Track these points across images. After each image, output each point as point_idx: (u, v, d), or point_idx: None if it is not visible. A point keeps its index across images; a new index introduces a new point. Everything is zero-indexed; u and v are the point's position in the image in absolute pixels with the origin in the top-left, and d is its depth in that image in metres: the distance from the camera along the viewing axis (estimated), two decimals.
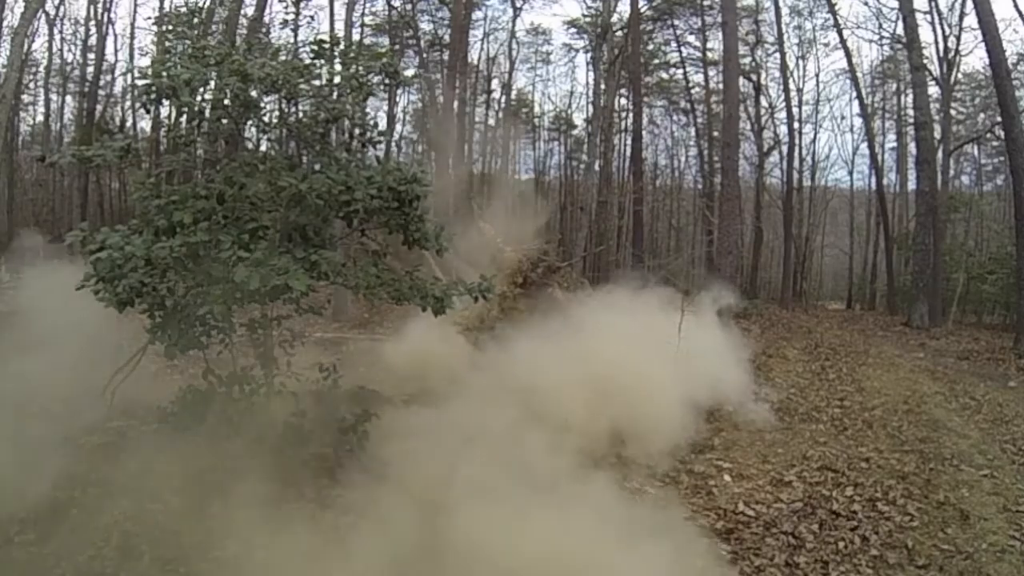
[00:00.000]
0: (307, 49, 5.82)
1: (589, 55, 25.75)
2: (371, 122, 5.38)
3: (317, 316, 6.71)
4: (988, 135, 21.82)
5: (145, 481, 4.90)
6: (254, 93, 4.87)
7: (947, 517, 5.32)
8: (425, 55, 24.85)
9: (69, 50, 22.88)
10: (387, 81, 5.67)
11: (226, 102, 4.99)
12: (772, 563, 4.62)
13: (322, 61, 5.18)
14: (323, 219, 5.12)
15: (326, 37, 5.44)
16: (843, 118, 29.08)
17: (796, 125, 23.34)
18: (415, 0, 23.76)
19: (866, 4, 25.10)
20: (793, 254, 23.31)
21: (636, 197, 23.43)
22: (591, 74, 25.13)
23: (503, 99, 28.62)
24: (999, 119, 15.15)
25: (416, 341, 8.38)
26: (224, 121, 5.19)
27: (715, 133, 23.99)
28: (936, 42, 19.69)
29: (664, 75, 27.24)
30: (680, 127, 29.38)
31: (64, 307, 5.51)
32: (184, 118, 5.30)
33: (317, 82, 5.17)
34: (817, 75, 25.99)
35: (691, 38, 25.61)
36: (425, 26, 24.91)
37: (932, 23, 19.47)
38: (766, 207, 25.35)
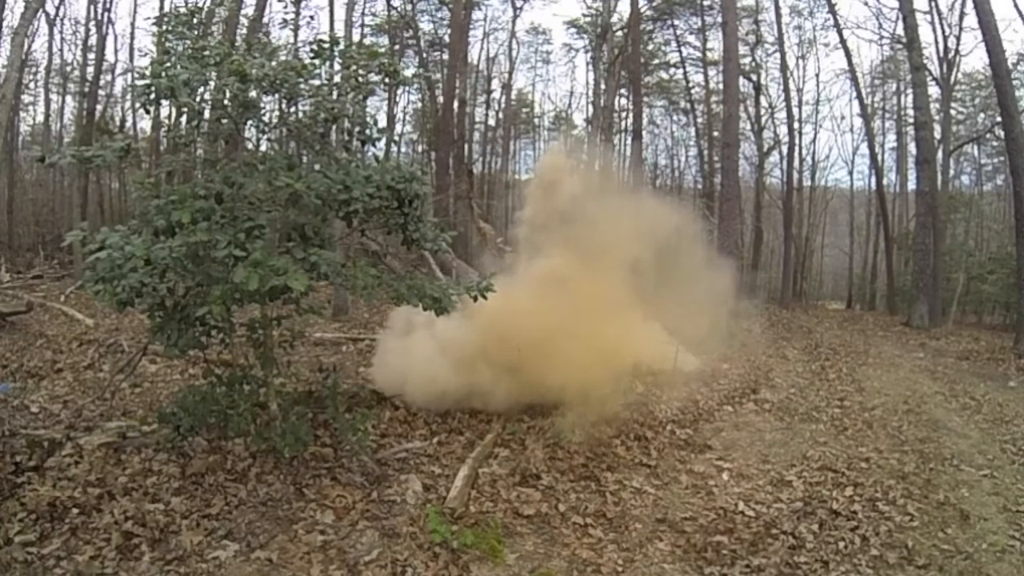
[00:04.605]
0: (307, 49, 5.82)
1: (589, 55, 25.80)
2: (371, 120, 5.37)
3: (317, 316, 6.73)
4: (988, 135, 21.84)
5: (145, 481, 4.91)
6: (253, 93, 4.87)
7: (947, 517, 5.32)
8: (425, 55, 24.87)
9: (69, 50, 22.93)
10: (387, 81, 5.68)
11: (225, 102, 4.99)
12: (772, 563, 4.62)
13: (321, 61, 5.18)
14: (322, 219, 5.12)
15: (326, 37, 5.43)
16: (843, 118, 29.13)
17: (796, 125, 23.38)
18: (415, 0, 23.78)
19: (866, 4, 25.17)
20: (793, 254, 23.32)
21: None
22: (591, 74, 25.20)
23: (503, 99, 28.65)
24: (999, 119, 15.15)
25: None
26: (224, 121, 5.19)
27: (715, 133, 24.00)
28: (936, 42, 19.73)
29: (664, 75, 27.26)
30: (680, 127, 29.43)
31: None
32: (184, 118, 5.30)
33: (317, 82, 5.17)
34: (817, 75, 26.08)
35: (691, 38, 25.64)
36: (425, 26, 24.95)
37: (932, 23, 19.51)
38: (766, 207, 25.36)
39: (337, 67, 5.37)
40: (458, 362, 6.96)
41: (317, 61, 5.14)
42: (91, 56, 19.89)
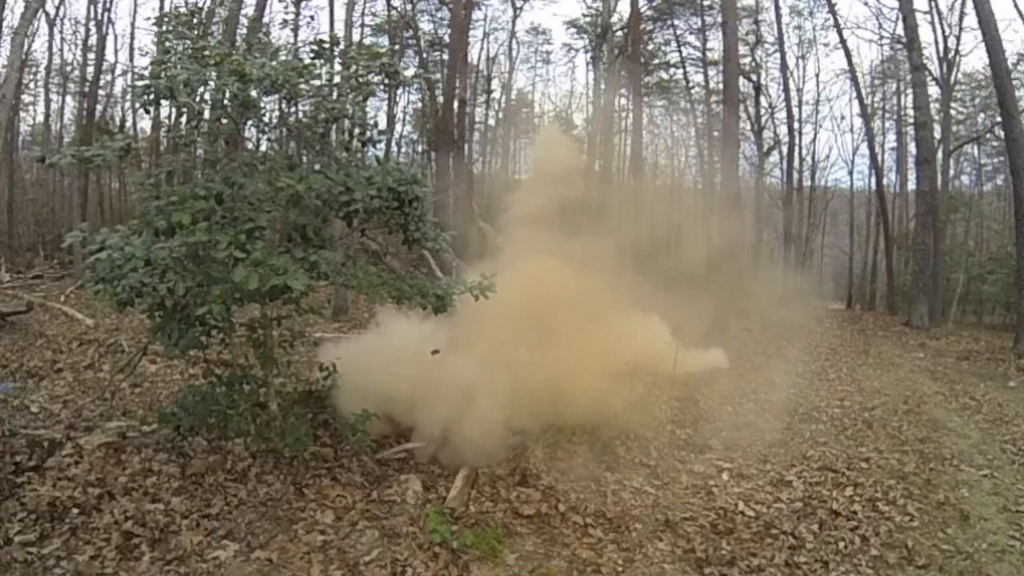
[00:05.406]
0: (307, 49, 5.82)
1: (589, 55, 25.78)
2: (371, 121, 5.38)
3: (317, 316, 6.71)
4: (988, 135, 21.81)
5: (145, 481, 4.90)
6: (254, 93, 4.88)
7: (947, 517, 5.33)
8: (425, 55, 24.85)
9: (69, 50, 22.91)
10: (387, 81, 5.68)
11: (225, 102, 5.00)
12: (772, 563, 4.63)
13: (322, 61, 5.19)
14: (323, 219, 5.13)
15: (326, 37, 5.44)
16: (843, 118, 29.08)
17: (796, 125, 23.38)
18: (415, 0, 23.76)
19: (866, 4, 25.15)
20: (793, 254, 23.32)
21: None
22: (591, 74, 25.20)
23: (503, 99, 28.65)
24: (999, 119, 15.14)
25: None
26: (224, 121, 5.19)
27: (715, 133, 23.97)
28: (936, 42, 19.70)
29: (664, 75, 27.22)
30: (680, 127, 29.39)
31: None
32: (184, 118, 5.30)
33: (317, 82, 5.17)
34: (817, 75, 26.01)
35: (691, 38, 25.59)
36: (425, 26, 24.91)
37: (932, 23, 19.48)
38: (766, 207, 25.34)
39: (337, 67, 5.37)
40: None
41: (318, 61, 5.14)
42: (91, 56, 19.89)
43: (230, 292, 4.41)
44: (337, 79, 5.30)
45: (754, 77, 23.77)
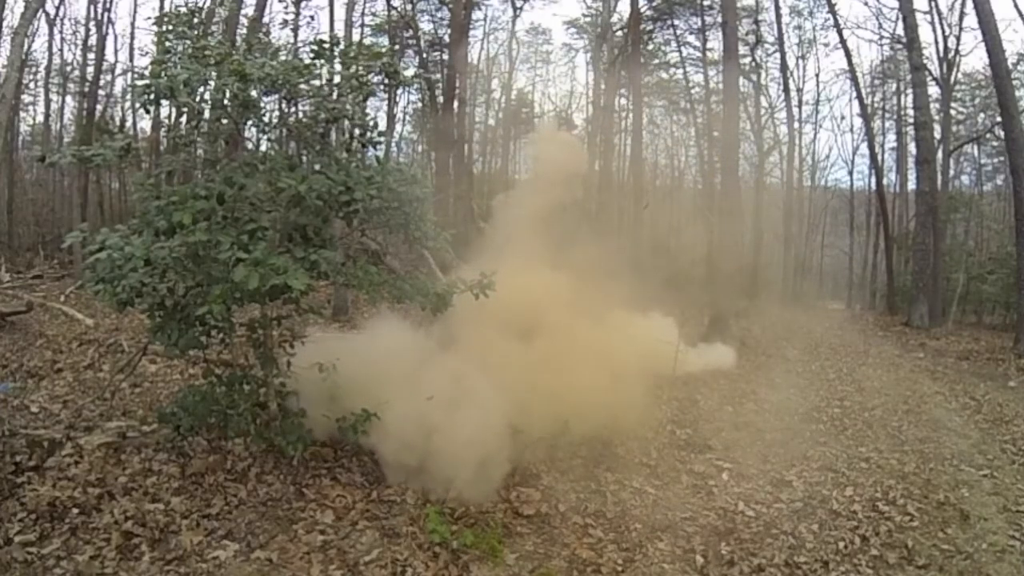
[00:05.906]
0: (307, 49, 5.82)
1: (589, 55, 25.82)
2: (371, 122, 5.38)
3: (317, 316, 6.71)
4: (988, 135, 21.81)
5: (145, 481, 4.90)
6: (254, 93, 4.88)
7: (947, 517, 5.33)
8: (425, 55, 24.84)
9: (69, 50, 22.90)
10: (387, 81, 5.68)
11: (225, 102, 5.00)
12: (772, 563, 4.62)
13: (322, 61, 5.19)
14: (323, 219, 5.13)
15: (326, 37, 5.44)
16: (843, 118, 29.12)
17: (796, 125, 23.40)
18: (415, 0, 23.76)
19: (866, 4, 25.19)
20: (793, 254, 23.34)
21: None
22: (591, 74, 25.23)
23: (503, 99, 28.65)
24: (999, 119, 15.14)
25: None
26: (224, 121, 5.20)
27: (715, 133, 23.96)
28: (936, 42, 19.72)
29: (664, 75, 27.21)
30: (680, 127, 29.38)
31: None
32: (184, 118, 5.30)
33: (317, 82, 5.17)
34: (817, 75, 26.05)
35: (691, 38, 25.58)
36: (425, 26, 24.89)
37: (932, 23, 19.50)
38: (766, 207, 25.32)
39: (337, 67, 5.37)
40: None
41: (318, 61, 5.14)
42: (91, 56, 19.88)
43: (230, 292, 4.41)
44: (337, 79, 5.30)
45: (754, 77, 23.78)
